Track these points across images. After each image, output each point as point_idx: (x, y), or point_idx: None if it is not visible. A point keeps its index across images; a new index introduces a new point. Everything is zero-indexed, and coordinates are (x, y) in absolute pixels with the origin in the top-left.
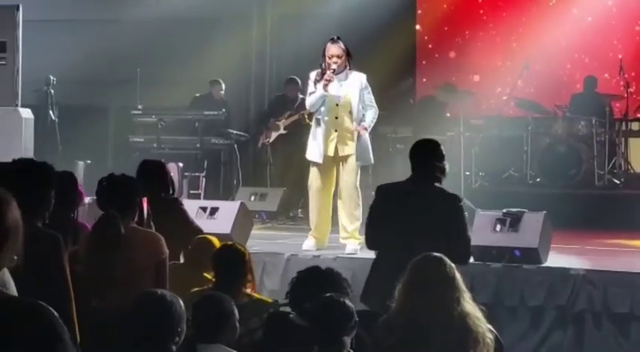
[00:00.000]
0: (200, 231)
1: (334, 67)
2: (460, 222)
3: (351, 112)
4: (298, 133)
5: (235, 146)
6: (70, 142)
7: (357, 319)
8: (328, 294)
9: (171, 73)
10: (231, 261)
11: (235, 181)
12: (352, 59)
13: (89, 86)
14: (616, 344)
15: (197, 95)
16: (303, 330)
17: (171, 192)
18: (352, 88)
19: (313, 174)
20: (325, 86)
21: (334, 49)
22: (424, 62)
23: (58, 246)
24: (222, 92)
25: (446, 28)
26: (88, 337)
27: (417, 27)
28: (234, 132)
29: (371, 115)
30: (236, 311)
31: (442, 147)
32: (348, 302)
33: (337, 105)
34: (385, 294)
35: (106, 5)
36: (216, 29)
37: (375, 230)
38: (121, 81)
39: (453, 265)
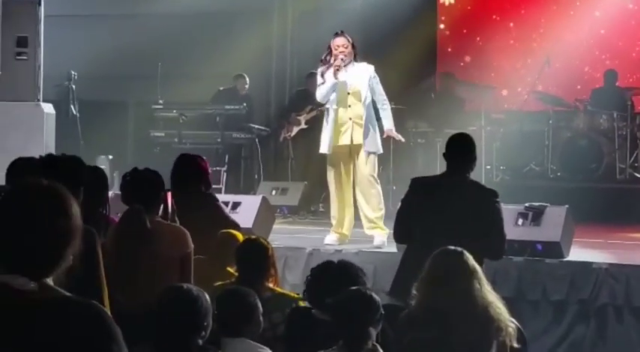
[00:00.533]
0: (237, 226)
1: (342, 56)
2: (497, 218)
3: (360, 100)
4: (319, 128)
5: (256, 140)
6: (91, 137)
7: (382, 312)
8: (354, 287)
9: (191, 68)
10: (255, 255)
11: (256, 176)
12: (364, 53)
13: (110, 81)
14: (638, 338)
15: (221, 88)
16: (325, 325)
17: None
18: (361, 76)
19: (329, 168)
20: (335, 73)
21: (340, 40)
22: (444, 55)
23: (94, 242)
24: (247, 86)
25: (467, 25)
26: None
27: (439, 23)
28: (256, 126)
29: (388, 114)
30: (260, 306)
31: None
32: (374, 294)
33: (349, 93)
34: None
35: (128, 1)
36: (237, 24)
37: (405, 223)
38: (142, 75)
39: (471, 257)
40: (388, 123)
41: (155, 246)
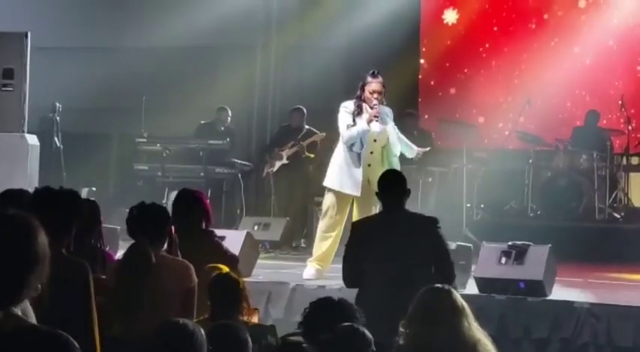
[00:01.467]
0: (237, 260)
1: (375, 102)
2: (441, 242)
3: (384, 147)
4: (301, 164)
5: (239, 175)
6: (74, 169)
7: (374, 348)
8: (347, 324)
9: (175, 101)
10: (226, 290)
11: (238, 210)
12: (348, 90)
13: (94, 113)
14: None
15: (202, 122)
16: None
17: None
18: (390, 122)
19: (330, 202)
20: (370, 122)
21: (376, 85)
22: (427, 97)
23: (86, 275)
24: (230, 119)
25: (448, 64)
26: None
27: (421, 62)
28: (238, 161)
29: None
30: (249, 340)
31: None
32: (366, 331)
33: (375, 140)
34: (378, 329)
35: (112, 33)
36: (221, 58)
37: (353, 267)
38: (126, 108)
39: (458, 295)
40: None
41: (159, 279)
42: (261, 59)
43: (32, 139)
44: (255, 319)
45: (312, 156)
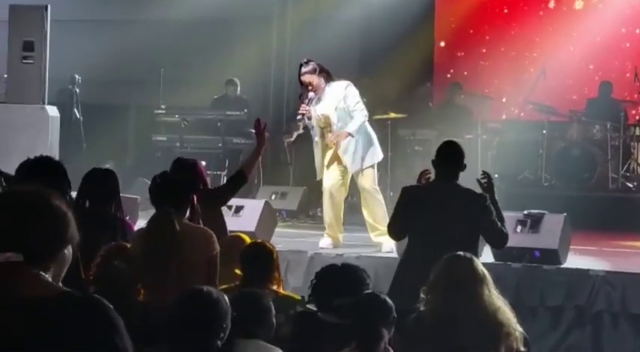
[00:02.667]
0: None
1: (310, 95)
2: (490, 216)
3: (334, 126)
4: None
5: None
6: (93, 140)
7: (395, 315)
8: (369, 291)
9: (193, 73)
10: (259, 258)
11: (256, 180)
12: (362, 62)
13: (113, 85)
14: (633, 344)
15: (215, 97)
16: (331, 328)
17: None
18: (329, 103)
19: (324, 182)
20: (308, 119)
21: (305, 78)
22: (442, 70)
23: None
24: (238, 91)
25: (463, 36)
26: (139, 332)
27: (436, 32)
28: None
29: (354, 123)
30: (273, 308)
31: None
32: (388, 298)
33: (323, 125)
34: (414, 292)
35: (131, 6)
36: (237, 31)
37: (400, 220)
38: (145, 80)
39: (480, 263)
40: (349, 128)
41: (183, 248)
42: (277, 31)
43: (52, 111)
44: (281, 290)
45: None
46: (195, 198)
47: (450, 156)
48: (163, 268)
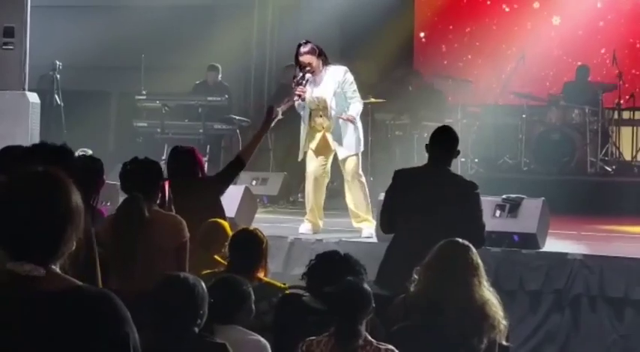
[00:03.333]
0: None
1: (307, 76)
2: (476, 208)
3: (328, 110)
4: (298, 119)
5: (237, 131)
6: (74, 126)
7: (374, 304)
8: (349, 278)
9: (174, 59)
10: (250, 246)
11: None
12: (343, 47)
13: (94, 71)
14: (611, 327)
15: (196, 82)
16: (316, 312)
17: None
18: (327, 87)
19: (307, 165)
20: (301, 98)
21: (304, 58)
22: (421, 55)
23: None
24: (220, 77)
25: (443, 23)
26: None
27: (415, 17)
28: (237, 117)
29: (355, 108)
30: (252, 294)
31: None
32: (366, 286)
33: (315, 108)
34: (401, 279)
35: None
36: (219, 17)
37: (389, 214)
38: (125, 66)
39: (476, 253)
40: (351, 112)
41: (152, 234)
42: (259, 17)
43: (33, 97)
44: (265, 278)
45: None
46: (166, 185)
47: (444, 142)
48: (131, 254)
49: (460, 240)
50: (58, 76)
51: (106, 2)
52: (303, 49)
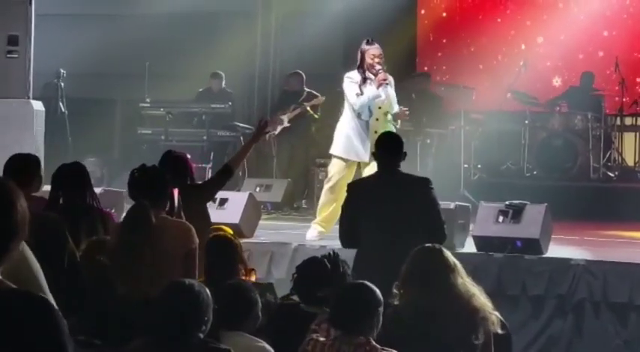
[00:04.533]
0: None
1: (379, 67)
2: (432, 203)
3: (388, 113)
4: (303, 126)
5: (241, 138)
6: (79, 134)
7: (381, 309)
8: (359, 281)
9: (178, 67)
10: (222, 252)
11: (240, 173)
12: (346, 54)
13: (98, 79)
14: (614, 332)
15: (200, 90)
16: (314, 318)
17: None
18: (391, 89)
19: (336, 168)
20: (379, 86)
21: (375, 50)
22: (424, 61)
23: (57, 226)
24: (223, 84)
25: (445, 28)
26: (116, 325)
27: (418, 25)
28: (240, 124)
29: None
30: (259, 301)
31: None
32: (377, 290)
33: (380, 107)
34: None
35: (116, 1)
36: (222, 25)
37: (349, 227)
38: (130, 74)
39: (449, 253)
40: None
41: (160, 241)
42: (262, 25)
43: (37, 105)
44: (252, 278)
45: (316, 115)
46: (175, 192)
47: (391, 147)
48: (138, 261)
49: (430, 245)
50: (63, 83)
51: (109, 10)
52: (371, 44)
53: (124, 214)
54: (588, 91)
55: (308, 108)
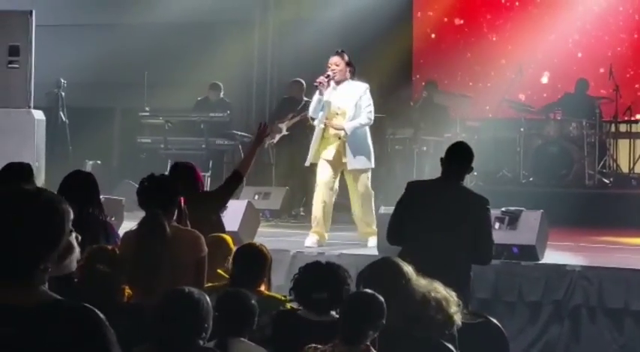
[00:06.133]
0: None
1: (329, 72)
2: (486, 223)
3: (346, 119)
4: (301, 134)
5: (239, 146)
6: (79, 143)
7: (384, 321)
8: (365, 290)
9: (177, 76)
10: (255, 261)
11: None
12: (354, 67)
13: (98, 89)
14: (610, 338)
15: (198, 99)
16: (313, 325)
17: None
18: (351, 96)
19: (317, 175)
20: (320, 90)
21: (333, 58)
22: (420, 69)
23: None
24: (221, 95)
25: (441, 36)
26: (130, 334)
27: (414, 34)
28: (239, 133)
29: (358, 120)
30: (257, 307)
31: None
32: (382, 300)
33: (337, 114)
34: None
35: (115, 10)
36: (220, 34)
37: (399, 226)
38: (129, 83)
39: (398, 259)
40: (349, 123)
41: (172, 250)
42: (259, 34)
43: (38, 114)
44: (270, 292)
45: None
46: (182, 201)
47: (458, 157)
48: (155, 270)
49: (379, 260)
50: (63, 93)
51: (109, 20)
52: (335, 54)
53: (138, 224)
54: (583, 98)
55: (309, 116)
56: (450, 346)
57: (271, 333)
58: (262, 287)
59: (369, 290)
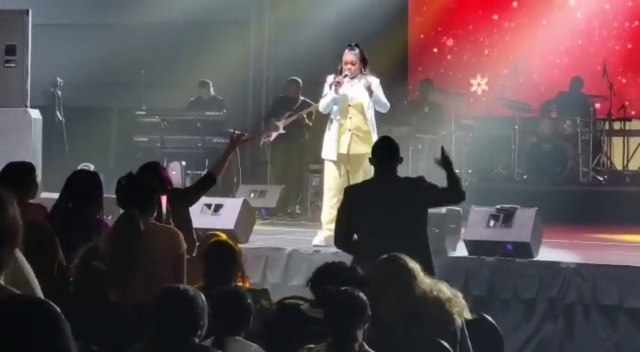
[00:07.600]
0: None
1: (347, 73)
2: (432, 185)
3: (362, 113)
4: (297, 133)
5: None
6: (75, 142)
7: (369, 313)
8: (344, 288)
9: (173, 76)
10: (223, 256)
11: (235, 179)
12: (339, 61)
13: (94, 88)
14: (605, 335)
15: (191, 99)
16: (314, 321)
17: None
18: (363, 90)
19: (327, 172)
20: (336, 89)
21: (349, 56)
22: (415, 67)
23: (50, 235)
24: (212, 92)
25: (436, 35)
26: (108, 331)
27: (409, 33)
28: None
29: (383, 98)
30: (253, 306)
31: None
32: (362, 295)
33: (350, 105)
34: None
35: (111, 10)
36: (216, 33)
37: (346, 231)
38: (125, 83)
39: (405, 258)
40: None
41: (149, 246)
42: (255, 33)
43: (35, 113)
44: (247, 285)
45: (311, 123)
46: (163, 199)
47: (387, 151)
48: (129, 267)
49: (385, 256)
50: (60, 92)
51: (105, 20)
52: (350, 50)
53: (114, 222)
54: (577, 96)
55: (304, 116)
56: (447, 345)
57: (256, 326)
58: (240, 283)
59: (348, 288)
